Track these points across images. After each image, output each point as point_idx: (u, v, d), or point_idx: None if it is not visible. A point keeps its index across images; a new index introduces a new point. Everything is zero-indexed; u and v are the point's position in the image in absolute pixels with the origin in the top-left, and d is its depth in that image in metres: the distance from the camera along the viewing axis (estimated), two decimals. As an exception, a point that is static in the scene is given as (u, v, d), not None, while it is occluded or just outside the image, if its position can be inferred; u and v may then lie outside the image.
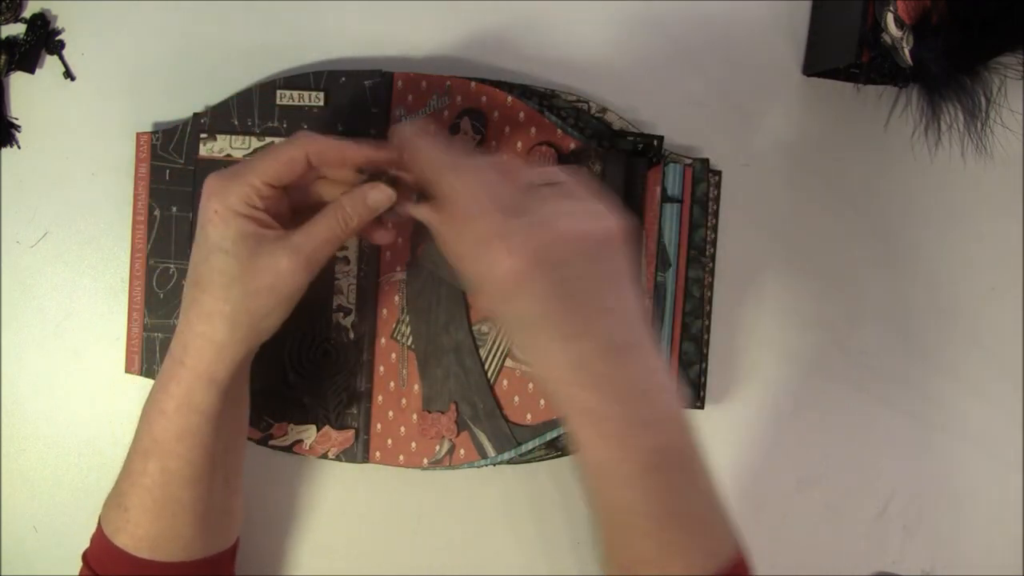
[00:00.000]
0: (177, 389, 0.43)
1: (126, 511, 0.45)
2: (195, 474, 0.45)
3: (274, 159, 0.43)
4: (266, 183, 0.42)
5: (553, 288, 0.38)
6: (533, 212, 0.39)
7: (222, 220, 0.42)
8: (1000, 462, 0.58)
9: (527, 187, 0.41)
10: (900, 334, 0.57)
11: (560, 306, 0.38)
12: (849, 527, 0.58)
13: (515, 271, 0.38)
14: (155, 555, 0.45)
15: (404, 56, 0.55)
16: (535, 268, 0.38)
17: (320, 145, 0.43)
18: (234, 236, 0.42)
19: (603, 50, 0.55)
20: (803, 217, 0.57)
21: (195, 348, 0.43)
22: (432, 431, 0.53)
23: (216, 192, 0.42)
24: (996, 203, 0.58)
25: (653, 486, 0.40)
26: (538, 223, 0.39)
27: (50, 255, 0.55)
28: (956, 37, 0.47)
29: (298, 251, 0.42)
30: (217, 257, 0.42)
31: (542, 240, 0.38)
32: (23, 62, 0.54)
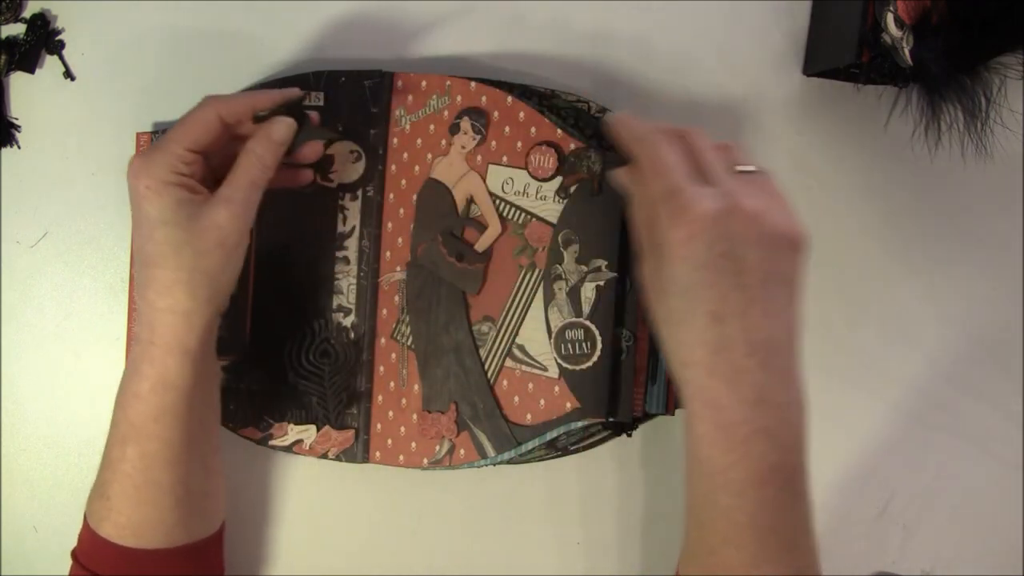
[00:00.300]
0: (150, 369, 0.44)
1: (108, 500, 0.45)
2: (173, 455, 0.45)
3: (188, 124, 0.44)
4: (187, 149, 0.44)
5: (720, 260, 0.38)
6: (724, 184, 0.40)
7: (155, 193, 0.43)
8: (1000, 462, 0.58)
9: (724, 165, 0.41)
10: (900, 334, 0.57)
11: (721, 281, 0.38)
12: (849, 527, 0.58)
13: (690, 229, 0.38)
14: (139, 542, 0.45)
15: (404, 56, 0.55)
16: (709, 233, 0.38)
17: (228, 102, 0.45)
18: (170, 204, 0.43)
19: (603, 50, 0.55)
20: (803, 217, 0.56)
21: (162, 324, 0.43)
22: (432, 431, 0.53)
23: (142, 169, 0.43)
24: (996, 203, 0.58)
25: (760, 499, 0.39)
26: (726, 193, 0.39)
27: (50, 255, 0.55)
28: (956, 37, 0.47)
29: (230, 200, 0.44)
30: (160, 230, 0.43)
31: (725, 209, 0.38)
32: (23, 62, 0.54)
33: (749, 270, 0.38)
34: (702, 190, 0.39)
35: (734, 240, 0.38)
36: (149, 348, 0.44)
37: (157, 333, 0.44)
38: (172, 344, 0.44)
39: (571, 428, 0.52)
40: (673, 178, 0.40)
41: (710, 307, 0.38)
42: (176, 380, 0.44)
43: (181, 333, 0.44)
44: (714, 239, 0.38)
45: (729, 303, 0.38)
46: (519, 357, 0.53)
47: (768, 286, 0.39)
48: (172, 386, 0.44)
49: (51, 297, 0.55)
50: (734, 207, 0.39)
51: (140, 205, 0.44)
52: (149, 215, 0.43)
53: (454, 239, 0.53)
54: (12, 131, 0.54)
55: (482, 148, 0.53)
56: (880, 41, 0.49)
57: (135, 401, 0.44)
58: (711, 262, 0.38)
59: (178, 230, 0.43)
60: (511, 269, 0.53)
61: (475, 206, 0.53)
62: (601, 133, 0.53)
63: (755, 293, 0.38)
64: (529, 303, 0.53)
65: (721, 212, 0.38)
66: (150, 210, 0.43)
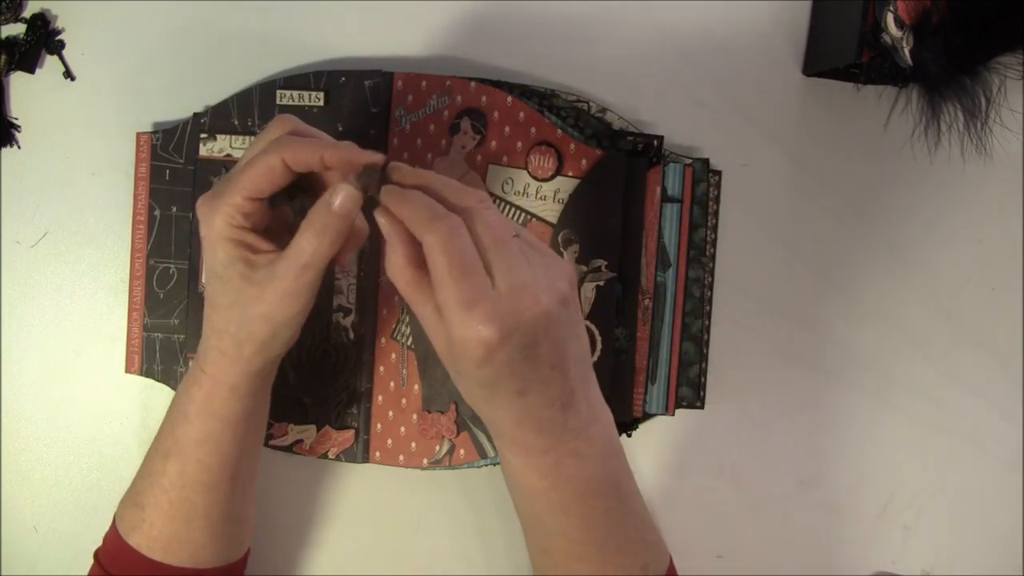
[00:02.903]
0: (199, 394, 0.44)
1: (141, 510, 0.45)
2: (212, 480, 0.45)
3: (251, 170, 0.41)
4: (247, 198, 0.41)
5: (516, 355, 0.38)
6: (502, 277, 0.38)
7: (210, 246, 0.42)
8: (1000, 462, 0.58)
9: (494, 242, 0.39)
10: (900, 334, 0.57)
11: (518, 369, 0.39)
12: (849, 527, 0.58)
13: (488, 341, 0.37)
14: (167, 558, 0.45)
15: (404, 56, 0.55)
16: (505, 339, 0.38)
17: (295, 149, 0.40)
18: (223, 261, 0.41)
19: (603, 50, 0.55)
20: (803, 217, 0.57)
21: (211, 359, 0.44)
22: (432, 431, 0.53)
23: (203, 217, 0.42)
24: (996, 203, 0.58)
25: (587, 512, 0.42)
26: (508, 295, 0.38)
27: (50, 255, 0.55)
28: (956, 37, 0.47)
29: (282, 280, 0.41)
30: (214, 282, 0.43)
31: (511, 313, 0.38)
32: (23, 62, 0.54)
33: (543, 350, 0.39)
34: (493, 297, 0.38)
35: (526, 337, 0.38)
36: (200, 374, 0.44)
37: (208, 363, 0.44)
38: (219, 378, 0.44)
39: (571, 428, 0.52)
40: (466, 285, 0.37)
41: (513, 388, 0.39)
42: (221, 411, 0.44)
43: (228, 372, 0.43)
44: (511, 343, 0.38)
45: (529, 380, 0.39)
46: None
47: (556, 350, 0.39)
48: (217, 415, 0.44)
49: (51, 297, 0.55)
50: (523, 308, 0.38)
51: (203, 250, 0.43)
52: (207, 262, 0.43)
53: (454, 239, 0.53)
54: (12, 131, 0.54)
55: (482, 148, 0.53)
56: (880, 41, 0.49)
57: (183, 420, 0.44)
58: (511, 359, 0.38)
59: (229, 288, 0.42)
60: (511, 269, 0.53)
61: (475, 206, 0.53)
62: (601, 133, 0.53)
63: (550, 361, 0.39)
64: (529, 303, 0.52)
65: (511, 319, 0.38)
66: (208, 259, 0.42)
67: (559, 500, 0.42)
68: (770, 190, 0.56)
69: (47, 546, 0.56)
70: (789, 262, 0.57)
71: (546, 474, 0.41)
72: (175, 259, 0.53)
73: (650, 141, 0.53)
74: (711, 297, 0.55)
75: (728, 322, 0.56)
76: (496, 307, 0.38)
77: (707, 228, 0.54)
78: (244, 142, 0.52)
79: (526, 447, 0.41)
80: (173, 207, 0.53)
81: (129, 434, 0.55)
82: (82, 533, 0.55)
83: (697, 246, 0.54)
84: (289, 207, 0.45)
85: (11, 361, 0.55)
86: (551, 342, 0.39)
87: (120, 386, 0.55)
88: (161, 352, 0.53)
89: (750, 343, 0.56)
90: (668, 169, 0.53)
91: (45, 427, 0.55)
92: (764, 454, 0.57)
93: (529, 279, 0.39)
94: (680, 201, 0.53)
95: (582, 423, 0.41)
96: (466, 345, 0.38)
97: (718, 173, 0.55)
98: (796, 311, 0.57)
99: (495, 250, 0.39)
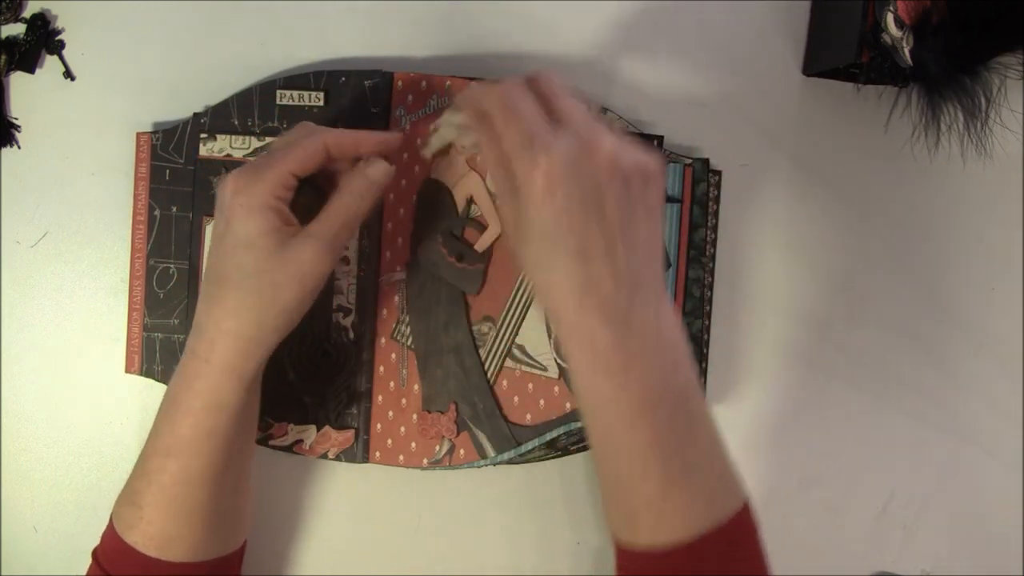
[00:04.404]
0: (204, 387, 0.43)
1: (140, 508, 0.45)
2: (214, 473, 0.45)
3: (297, 148, 0.43)
4: (291, 173, 0.43)
5: (580, 203, 0.38)
6: (575, 126, 0.40)
7: (248, 214, 0.42)
8: (1000, 462, 0.58)
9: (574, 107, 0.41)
10: (900, 334, 0.57)
11: (584, 222, 0.39)
12: (849, 527, 0.58)
13: (548, 177, 0.38)
14: (164, 554, 0.45)
15: (404, 56, 0.55)
16: (567, 176, 0.38)
17: (336, 135, 0.45)
18: (261, 230, 0.42)
19: (603, 50, 0.55)
20: (803, 217, 0.57)
21: (222, 345, 0.43)
22: (432, 431, 0.53)
23: (242, 188, 0.42)
24: (996, 203, 0.58)
25: (653, 423, 0.40)
26: (579, 135, 0.39)
27: (50, 255, 0.55)
28: (956, 37, 0.47)
29: (319, 239, 0.43)
30: (243, 252, 0.42)
31: (579, 152, 0.38)
32: (23, 62, 0.54)
33: (609, 208, 0.39)
34: (555, 135, 0.39)
35: (592, 181, 0.38)
36: (204, 366, 0.43)
37: (216, 353, 0.43)
38: (229, 367, 0.43)
39: (571, 428, 0.52)
40: (525, 125, 0.40)
41: (574, 248, 0.39)
42: (228, 402, 0.44)
43: (240, 358, 0.43)
44: (572, 183, 0.38)
45: (593, 242, 0.39)
46: (519, 357, 0.53)
47: (629, 221, 0.39)
48: (223, 407, 0.44)
49: (51, 297, 0.55)
50: (588, 149, 0.39)
51: (229, 221, 0.43)
52: (236, 233, 0.42)
53: (454, 239, 0.53)
54: (12, 131, 0.54)
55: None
56: (880, 41, 0.49)
57: (186, 417, 0.44)
58: (572, 206, 0.38)
59: (261, 256, 0.42)
60: (511, 269, 0.53)
61: (475, 206, 0.53)
62: None
63: (617, 229, 0.39)
64: (529, 303, 0.53)
65: (576, 156, 0.38)
66: (239, 229, 0.42)
67: (628, 405, 0.39)
68: (770, 190, 0.56)
69: (47, 546, 0.56)
70: (789, 262, 0.57)
71: (614, 373, 0.39)
72: (175, 259, 0.53)
73: (650, 141, 0.53)
74: (711, 297, 0.55)
75: (728, 322, 0.56)
76: (559, 140, 0.39)
77: (707, 228, 0.54)
78: (244, 142, 0.52)
79: (591, 340, 0.39)
80: (173, 207, 0.53)
81: (129, 434, 0.55)
82: (82, 533, 0.55)
83: (697, 246, 0.54)
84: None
85: (11, 361, 0.55)
86: (619, 205, 0.39)
87: (120, 386, 0.55)
88: (161, 352, 0.53)
89: (750, 343, 0.57)
90: (668, 169, 0.53)
91: (45, 427, 0.55)
92: (764, 454, 0.57)
93: (602, 132, 0.39)
94: (680, 201, 0.53)
95: (651, 322, 0.40)
96: (527, 181, 0.39)
97: (718, 173, 0.55)
98: (796, 311, 0.57)
99: (554, 97, 0.41)
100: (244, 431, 0.46)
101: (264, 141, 0.52)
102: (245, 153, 0.52)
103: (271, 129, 0.53)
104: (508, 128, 0.40)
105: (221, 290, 0.43)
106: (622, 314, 0.39)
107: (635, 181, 0.40)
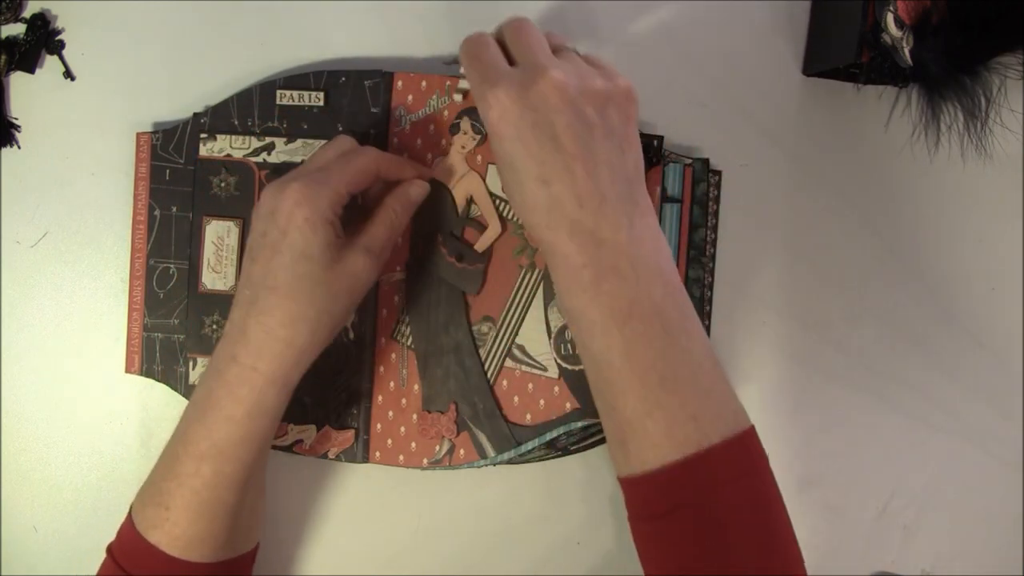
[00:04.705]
0: (248, 394, 0.44)
1: (167, 509, 0.45)
2: (245, 476, 0.45)
3: (353, 168, 0.46)
4: (348, 191, 0.45)
5: (532, 130, 0.41)
6: (529, 61, 0.42)
7: (311, 227, 0.43)
8: (1000, 462, 0.58)
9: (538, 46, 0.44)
10: (900, 334, 0.57)
11: (538, 149, 0.41)
12: (849, 527, 0.58)
13: (498, 110, 0.41)
14: (186, 554, 0.45)
15: (404, 56, 0.55)
16: (515, 109, 0.41)
17: (387, 161, 0.48)
18: (322, 243, 0.44)
19: (603, 50, 0.55)
20: (803, 217, 0.57)
21: (272, 353, 0.44)
22: (432, 431, 0.53)
23: (306, 200, 0.43)
24: (996, 203, 0.58)
25: (627, 337, 0.41)
26: (525, 69, 0.42)
27: (50, 255, 0.55)
28: (956, 37, 0.47)
29: (368, 251, 0.46)
30: (302, 264, 0.43)
31: (524, 83, 0.41)
32: (23, 62, 0.54)
33: (562, 133, 0.41)
34: (503, 72, 0.42)
35: (540, 110, 0.41)
36: (251, 373, 0.44)
37: (264, 361, 0.44)
38: (276, 375, 0.44)
39: (571, 428, 0.52)
40: (477, 67, 0.43)
41: (535, 174, 0.41)
42: (270, 409, 0.45)
43: (289, 367, 0.44)
44: (520, 113, 0.41)
45: (549, 167, 0.41)
46: (519, 357, 0.53)
47: (586, 143, 0.41)
48: (265, 414, 0.45)
49: (51, 297, 0.55)
50: (534, 80, 0.41)
51: (287, 232, 0.43)
52: (295, 245, 0.43)
53: (454, 239, 0.53)
54: (12, 131, 0.54)
55: (482, 148, 0.53)
56: (880, 41, 0.49)
57: (226, 424, 0.44)
58: (523, 135, 0.41)
59: (319, 268, 0.44)
60: (511, 269, 0.53)
61: (475, 206, 0.53)
62: None
63: (573, 152, 0.41)
64: (529, 303, 0.53)
65: (522, 87, 0.41)
66: (299, 241, 0.43)
67: (600, 319, 0.41)
68: (770, 190, 0.56)
69: (47, 546, 0.56)
70: (789, 262, 0.57)
71: (584, 288, 0.41)
72: (175, 259, 0.53)
73: (650, 141, 0.53)
74: (711, 297, 0.55)
75: (728, 322, 0.56)
76: (509, 78, 0.41)
77: (707, 228, 0.54)
78: (244, 142, 0.52)
79: (564, 257, 0.42)
80: (173, 207, 0.53)
81: (129, 434, 0.55)
82: (82, 533, 0.55)
83: (697, 246, 0.54)
84: None
85: (11, 361, 0.55)
86: (571, 130, 0.41)
87: (120, 386, 0.55)
88: (161, 352, 0.53)
89: (750, 343, 0.57)
90: (668, 169, 0.53)
91: (45, 427, 0.55)
92: (764, 454, 0.57)
93: (550, 62, 0.42)
94: (680, 201, 0.53)
95: (620, 241, 0.41)
96: (484, 117, 0.42)
97: (718, 173, 0.55)
98: (796, 311, 0.57)
99: (514, 39, 0.44)
100: (273, 434, 0.47)
101: (264, 141, 0.52)
102: (245, 153, 0.53)
103: (271, 129, 0.53)
104: (469, 72, 0.43)
105: (273, 298, 0.44)
106: (588, 231, 0.41)
107: (588, 106, 0.41)
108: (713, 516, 0.40)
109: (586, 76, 0.42)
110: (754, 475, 0.42)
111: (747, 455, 0.42)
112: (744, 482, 0.41)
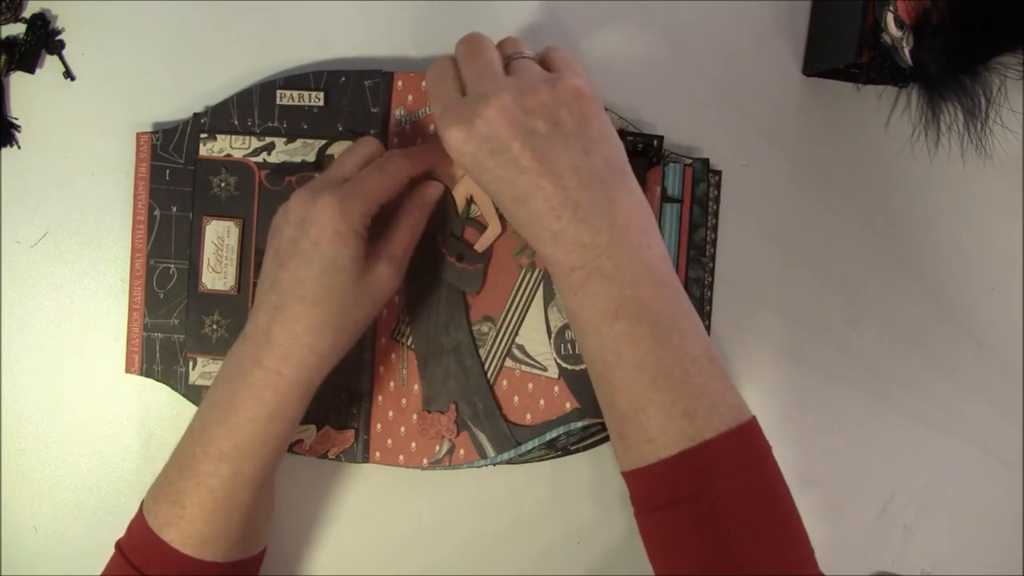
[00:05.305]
0: (273, 398, 0.44)
1: (182, 508, 0.45)
2: (263, 476, 0.46)
3: (385, 180, 0.46)
4: (379, 203, 0.46)
5: (489, 157, 0.42)
6: (476, 89, 0.43)
7: (343, 240, 0.44)
8: (1000, 462, 0.58)
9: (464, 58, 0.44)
10: (900, 334, 0.57)
11: (501, 174, 0.42)
12: (849, 527, 0.58)
13: (458, 146, 0.42)
14: (199, 553, 0.45)
15: (404, 56, 0.55)
16: (474, 142, 0.42)
17: (416, 163, 0.48)
18: (352, 256, 0.44)
19: (603, 50, 0.55)
20: (803, 217, 0.57)
21: (297, 359, 0.44)
22: (432, 431, 0.53)
23: (340, 214, 0.44)
24: (996, 203, 0.58)
25: (616, 335, 0.42)
26: (475, 99, 0.42)
27: (50, 255, 0.55)
28: (956, 37, 0.47)
29: (392, 259, 0.47)
30: (332, 274, 0.44)
31: (473, 115, 0.41)
32: (23, 62, 0.54)
33: (519, 155, 0.41)
34: (453, 108, 0.42)
35: (492, 138, 0.41)
36: (276, 378, 0.44)
37: (290, 366, 0.44)
38: (300, 380, 0.45)
39: (571, 428, 0.52)
40: (435, 105, 0.44)
41: (508, 196, 0.43)
42: (293, 413, 0.46)
43: (313, 373, 0.45)
44: (476, 146, 0.42)
45: (521, 187, 0.42)
46: (519, 357, 0.53)
47: (545, 158, 0.42)
48: (287, 416, 0.45)
49: (51, 297, 0.55)
50: (477, 111, 0.41)
51: (318, 243, 0.44)
52: (325, 256, 0.44)
53: (454, 239, 0.53)
54: (12, 131, 0.54)
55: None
56: (880, 41, 0.49)
57: (249, 425, 0.44)
58: (485, 164, 0.42)
59: (348, 279, 0.45)
60: (511, 269, 0.53)
61: (475, 206, 0.53)
62: None
63: (538, 170, 0.42)
64: (529, 303, 0.53)
65: (468, 122, 0.42)
66: (329, 252, 0.44)
67: (590, 320, 0.43)
68: (770, 190, 0.56)
69: (47, 546, 0.56)
70: (789, 262, 0.57)
71: (575, 291, 0.43)
72: (175, 259, 0.53)
73: (650, 141, 0.53)
74: (711, 297, 0.55)
75: (728, 322, 0.56)
76: (459, 110, 0.42)
77: (707, 228, 0.54)
78: (244, 142, 0.53)
79: (555, 265, 0.43)
80: (173, 207, 0.53)
81: (129, 434, 0.55)
82: (82, 533, 0.55)
83: (697, 246, 0.54)
84: None
85: (11, 361, 0.55)
86: (527, 149, 0.41)
87: (120, 386, 0.55)
88: (161, 352, 0.53)
89: (750, 343, 0.57)
90: (668, 169, 0.53)
91: (45, 427, 0.55)
92: (764, 454, 0.57)
93: (494, 87, 0.42)
94: (680, 201, 0.53)
95: (601, 243, 0.42)
96: (450, 152, 0.43)
97: (718, 173, 0.55)
98: (796, 311, 0.57)
99: (463, 64, 0.44)
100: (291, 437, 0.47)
101: (264, 141, 0.52)
102: (245, 153, 0.53)
103: (271, 129, 0.53)
104: (432, 109, 0.45)
105: (301, 307, 0.44)
106: (570, 237, 0.42)
107: (537, 120, 0.42)
108: (713, 509, 0.41)
109: (529, 90, 0.42)
110: (755, 468, 0.42)
111: (746, 448, 0.42)
112: (744, 475, 0.41)
